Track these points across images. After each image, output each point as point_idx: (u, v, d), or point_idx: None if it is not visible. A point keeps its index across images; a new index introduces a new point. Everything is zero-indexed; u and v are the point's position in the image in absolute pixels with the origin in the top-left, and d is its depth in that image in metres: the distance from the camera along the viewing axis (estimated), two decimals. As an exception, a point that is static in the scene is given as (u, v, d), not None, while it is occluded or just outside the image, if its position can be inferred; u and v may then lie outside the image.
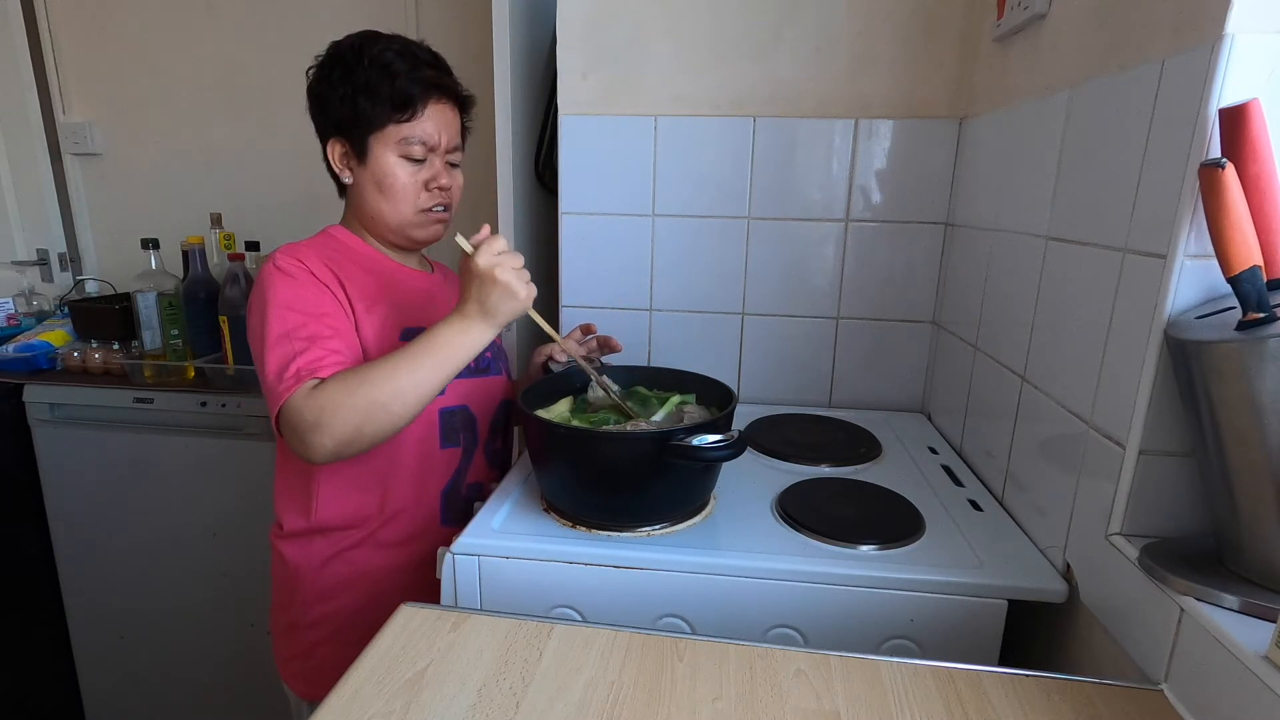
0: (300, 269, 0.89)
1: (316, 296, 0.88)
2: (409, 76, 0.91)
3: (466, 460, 1.02)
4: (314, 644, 0.99)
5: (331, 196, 1.03)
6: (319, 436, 0.78)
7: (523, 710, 0.56)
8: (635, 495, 0.83)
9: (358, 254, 0.99)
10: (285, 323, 0.84)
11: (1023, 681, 0.60)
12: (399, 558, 0.98)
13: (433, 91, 0.93)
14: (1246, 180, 0.53)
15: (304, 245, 0.95)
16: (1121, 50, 0.70)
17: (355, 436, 0.79)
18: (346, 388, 0.79)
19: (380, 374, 0.80)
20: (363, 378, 0.79)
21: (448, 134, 0.96)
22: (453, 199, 1.00)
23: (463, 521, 0.99)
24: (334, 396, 0.78)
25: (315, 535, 0.96)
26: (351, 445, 0.80)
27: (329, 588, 0.97)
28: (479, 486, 1.04)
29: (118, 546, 1.66)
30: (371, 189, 0.95)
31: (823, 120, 1.20)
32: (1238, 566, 0.56)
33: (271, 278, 0.88)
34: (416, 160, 0.94)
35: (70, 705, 1.79)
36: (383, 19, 1.67)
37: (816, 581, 0.76)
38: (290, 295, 0.87)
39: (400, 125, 0.92)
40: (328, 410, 0.78)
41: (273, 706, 1.07)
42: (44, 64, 1.90)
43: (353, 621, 0.97)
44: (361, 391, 0.78)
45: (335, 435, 0.78)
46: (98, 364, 1.64)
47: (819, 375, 1.31)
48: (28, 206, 1.98)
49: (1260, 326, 0.51)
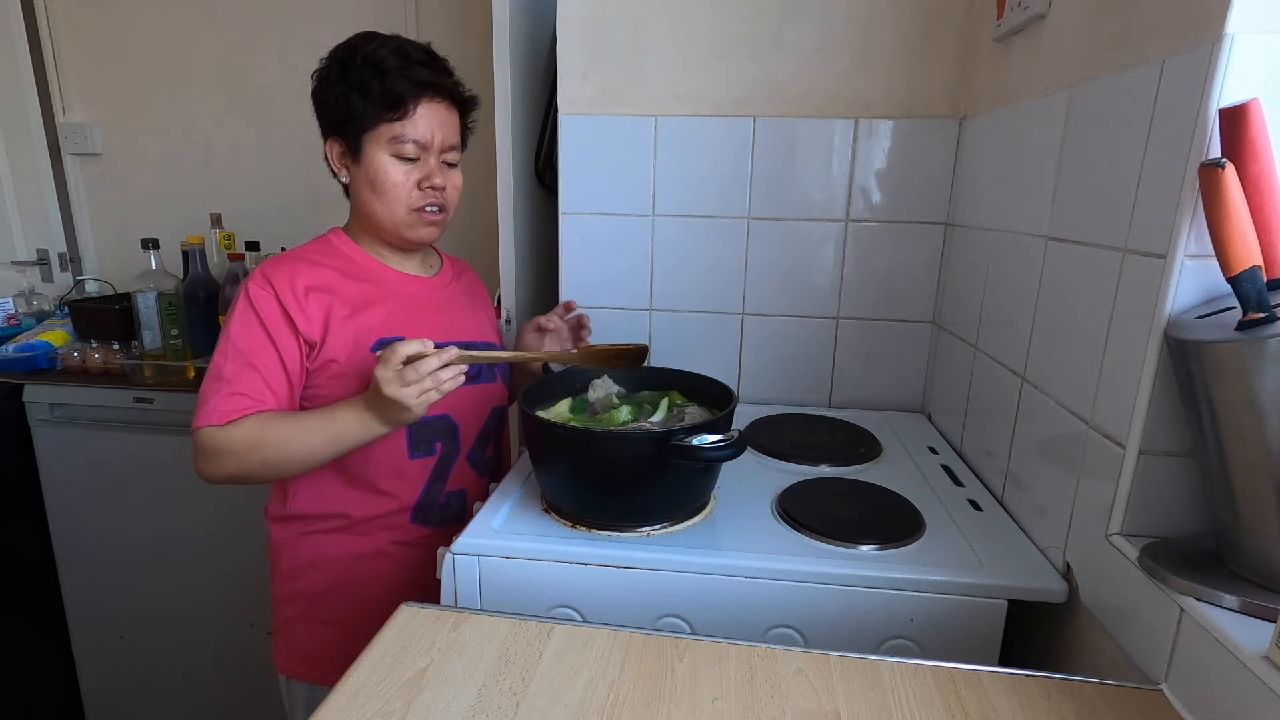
0: (265, 297, 0.92)
1: (260, 335, 0.91)
2: (399, 75, 0.91)
3: (444, 468, 1.01)
4: (288, 620, 1.03)
5: (332, 197, 1.03)
6: (209, 469, 0.89)
7: (523, 710, 0.56)
8: (635, 495, 0.83)
9: (350, 261, 0.99)
10: (223, 355, 0.91)
11: (1023, 681, 0.60)
12: (366, 546, 1.00)
13: (425, 90, 0.93)
14: (1246, 180, 0.53)
15: (289, 259, 0.97)
16: (1121, 50, 0.70)
17: (240, 480, 0.90)
18: (243, 442, 0.87)
19: (277, 438, 0.87)
20: (261, 438, 0.87)
21: (442, 133, 0.95)
22: (448, 200, 0.99)
23: (441, 525, 1.01)
24: (229, 445, 0.87)
25: (293, 520, 1.00)
26: (239, 483, 0.92)
27: (299, 566, 1.01)
28: (462, 494, 1.03)
29: (118, 546, 1.66)
30: (366, 188, 0.95)
31: (823, 120, 1.20)
32: (1238, 566, 0.56)
33: (238, 304, 0.93)
34: (409, 159, 0.94)
35: (70, 705, 1.79)
36: (383, 19, 1.67)
37: (816, 581, 0.76)
38: (238, 329, 0.91)
39: (392, 124, 0.92)
40: (220, 454, 0.87)
41: (273, 706, 1.07)
42: (44, 64, 1.90)
43: (319, 601, 1.01)
44: (254, 451, 0.87)
45: (221, 474, 0.89)
46: (98, 364, 1.64)
47: (819, 375, 1.31)
48: (28, 206, 1.98)
49: (1260, 326, 0.51)
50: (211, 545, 1.62)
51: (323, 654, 1.01)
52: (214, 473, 0.89)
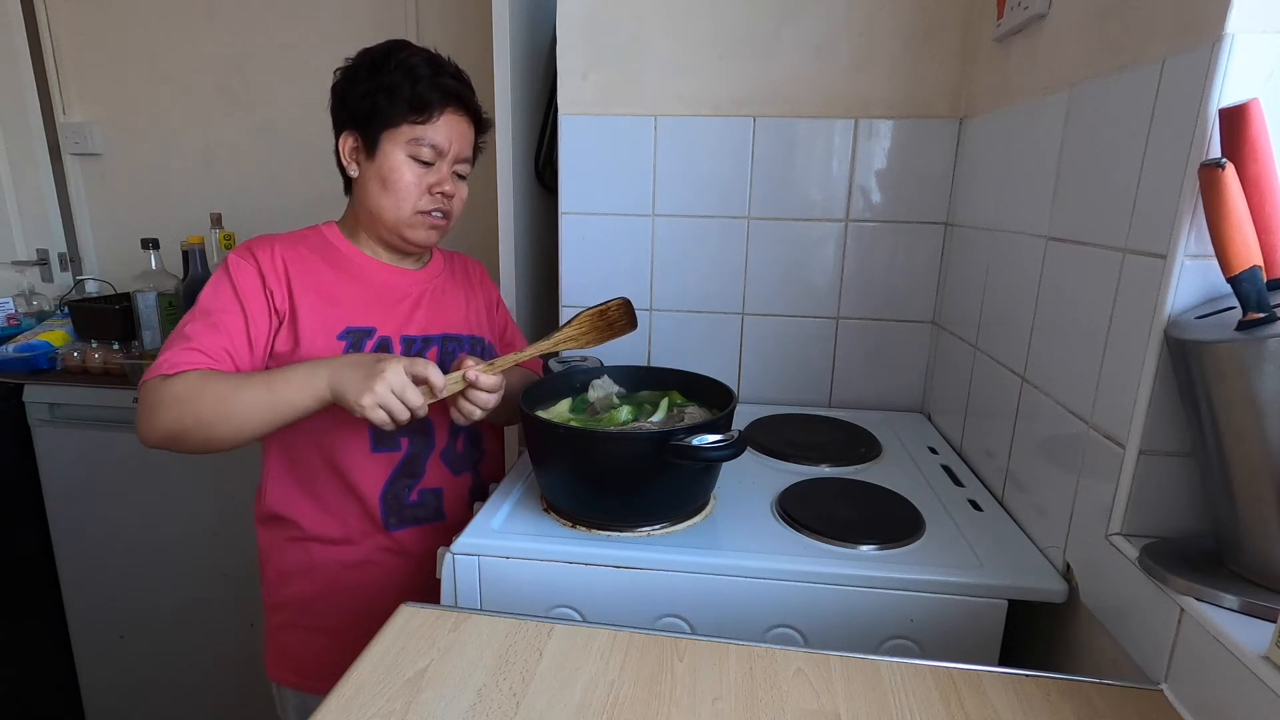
0: (243, 266, 0.93)
1: (229, 300, 0.91)
2: (430, 82, 0.94)
3: (415, 465, 1.00)
4: (277, 627, 1.03)
5: (331, 197, 1.03)
6: (145, 426, 0.85)
7: (523, 710, 0.56)
8: (635, 495, 0.83)
9: (333, 251, 1.00)
10: (190, 316, 0.90)
11: (1023, 681, 0.60)
12: (352, 555, 0.99)
13: (451, 100, 0.96)
14: (1246, 180, 0.53)
15: (272, 237, 0.98)
16: (1121, 50, 0.70)
17: (176, 440, 0.85)
18: (182, 394, 0.83)
19: (214, 393, 0.83)
20: (200, 390, 0.83)
21: (459, 144, 0.98)
22: (453, 209, 1.00)
23: (416, 524, 1.00)
24: (168, 396, 0.83)
25: (271, 521, 1.00)
26: (174, 445, 0.86)
27: (286, 572, 1.01)
28: (438, 492, 1.02)
29: (118, 546, 1.66)
30: (375, 184, 0.96)
31: (823, 120, 1.20)
32: (1238, 566, 0.56)
33: (215, 273, 0.94)
34: (424, 163, 0.96)
35: (70, 705, 1.79)
36: (383, 20, 1.67)
37: (816, 581, 0.76)
38: (208, 293, 0.92)
39: (414, 126, 0.94)
40: (159, 407, 0.83)
41: (272, 707, 1.07)
42: (44, 64, 1.90)
43: (306, 609, 1.00)
44: (190, 404, 0.83)
45: (156, 432, 0.84)
46: (98, 364, 1.64)
47: (819, 375, 1.31)
48: (28, 206, 1.98)
49: (1260, 326, 0.51)
50: (211, 545, 1.62)
51: (312, 661, 1.00)
52: (149, 430, 0.84)
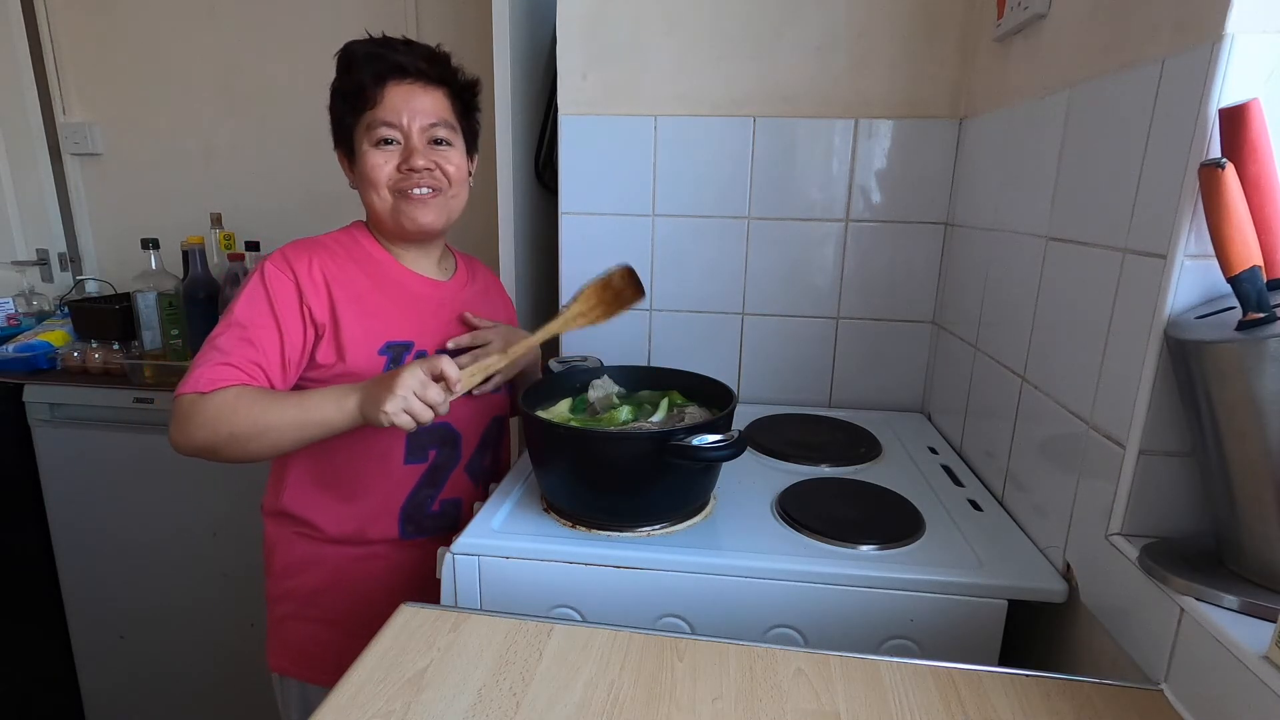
0: (281, 279, 0.91)
1: (265, 314, 0.89)
2: (364, 64, 0.92)
3: (439, 475, 1.00)
4: (281, 617, 1.03)
5: (331, 197, 1.04)
6: (180, 437, 0.86)
7: (523, 710, 0.56)
8: (635, 495, 0.83)
9: (368, 257, 0.99)
10: (224, 326, 0.89)
11: (1023, 681, 0.60)
12: (356, 552, 0.99)
13: (392, 72, 0.92)
14: (1246, 180, 0.53)
15: (310, 245, 0.96)
16: (1121, 50, 0.70)
17: (209, 452, 0.86)
18: (217, 411, 0.83)
19: (249, 412, 0.84)
20: (234, 408, 0.84)
21: (420, 114, 0.93)
22: (439, 180, 0.95)
23: (434, 534, 1.00)
24: (203, 412, 0.83)
25: (282, 517, 1.00)
26: (208, 457, 0.87)
27: (293, 564, 1.00)
28: (457, 503, 1.02)
29: (118, 546, 1.66)
30: (361, 185, 0.96)
31: (823, 120, 1.20)
32: (1238, 566, 0.56)
33: (250, 281, 0.91)
34: (388, 143, 0.93)
35: (70, 706, 1.79)
36: (383, 19, 1.67)
37: (816, 581, 0.76)
38: (244, 304, 0.90)
39: (366, 114, 0.93)
40: (193, 422, 0.84)
41: (272, 707, 1.07)
42: (44, 64, 1.90)
43: (313, 600, 1.00)
44: (225, 422, 0.83)
45: (190, 444, 0.85)
46: (98, 364, 1.64)
47: (819, 375, 1.31)
48: (28, 206, 1.98)
49: (1260, 326, 0.51)
50: (211, 545, 1.62)
51: (315, 653, 1.00)
52: (184, 441, 0.85)
